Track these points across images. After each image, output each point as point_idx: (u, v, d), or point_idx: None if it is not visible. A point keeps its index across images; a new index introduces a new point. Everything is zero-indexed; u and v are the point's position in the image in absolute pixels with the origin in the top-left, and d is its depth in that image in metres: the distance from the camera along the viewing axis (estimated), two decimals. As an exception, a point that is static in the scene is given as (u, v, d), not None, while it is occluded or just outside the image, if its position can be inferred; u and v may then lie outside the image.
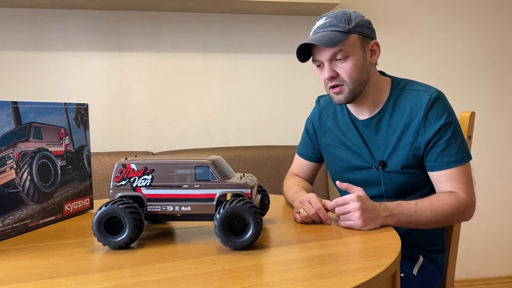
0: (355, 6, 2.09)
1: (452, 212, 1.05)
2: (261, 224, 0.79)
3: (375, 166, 1.16)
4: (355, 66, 1.10)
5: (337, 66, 1.10)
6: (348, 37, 1.08)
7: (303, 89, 2.10)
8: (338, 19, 1.10)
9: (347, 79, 1.10)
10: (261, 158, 1.91)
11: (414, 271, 1.14)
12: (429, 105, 1.09)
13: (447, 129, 1.09)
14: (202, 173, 0.83)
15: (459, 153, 1.09)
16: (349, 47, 1.09)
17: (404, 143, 1.12)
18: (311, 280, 0.64)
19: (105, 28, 1.94)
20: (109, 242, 0.80)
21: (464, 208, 1.07)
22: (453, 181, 1.08)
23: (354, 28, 1.10)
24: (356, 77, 1.11)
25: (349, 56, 1.09)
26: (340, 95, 1.12)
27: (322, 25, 1.11)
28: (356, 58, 1.10)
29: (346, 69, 1.10)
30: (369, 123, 1.18)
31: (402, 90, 1.16)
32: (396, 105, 1.15)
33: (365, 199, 0.95)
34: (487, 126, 2.26)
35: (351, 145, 1.21)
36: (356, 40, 1.11)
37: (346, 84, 1.11)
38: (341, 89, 1.12)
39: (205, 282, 0.64)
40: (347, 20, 1.10)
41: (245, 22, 2.04)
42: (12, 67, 1.87)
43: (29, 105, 0.97)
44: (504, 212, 2.31)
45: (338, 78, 1.11)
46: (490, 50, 2.26)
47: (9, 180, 0.91)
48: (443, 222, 1.08)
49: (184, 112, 2.03)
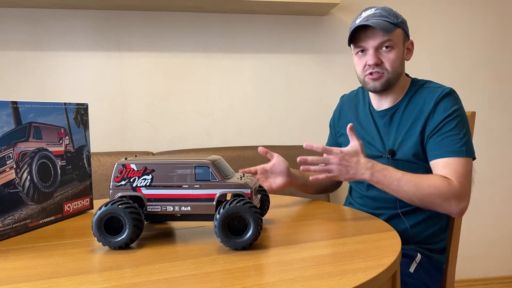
0: (355, 6, 2.09)
1: (437, 195, 1.06)
2: (261, 224, 0.79)
3: (385, 155, 1.21)
4: (397, 57, 1.18)
5: (381, 55, 1.17)
6: (396, 30, 1.16)
7: (303, 89, 2.10)
8: (387, 12, 1.17)
9: (390, 68, 1.17)
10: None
11: (410, 269, 1.14)
12: (440, 98, 1.15)
13: (452, 121, 1.13)
14: (202, 173, 0.83)
15: (458, 145, 1.11)
16: (396, 39, 1.17)
17: (413, 132, 1.18)
18: (311, 280, 0.64)
19: (105, 28, 1.94)
20: (109, 242, 0.80)
21: (450, 195, 1.06)
22: (448, 169, 1.09)
23: (400, 23, 1.18)
24: (396, 68, 1.18)
25: (394, 47, 1.17)
26: (378, 81, 1.19)
27: (373, 14, 1.17)
28: (399, 51, 1.18)
29: (390, 59, 1.17)
30: (384, 114, 1.25)
31: (420, 88, 1.23)
32: (411, 99, 1.22)
33: (348, 156, 1.03)
34: (487, 126, 2.26)
35: (366, 135, 1.27)
36: (401, 35, 1.19)
37: (387, 73, 1.18)
38: (381, 76, 1.18)
39: (205, 282, 0.64)
40: (395, 14, 1.18)
41: (245, 22, 2.04)
42: (12, 67, 1.87)
43: (29, 105, 0.97)
44: (504, 212, 2.31)
45: (381, 66, 1.18)
46: (490, 50, 2.26)
47: (9, 180, 0.91)
48: (425, 201, 1.08)
49: (184, 112, 2.03)
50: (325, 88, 2.11)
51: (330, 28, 2.10)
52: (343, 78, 2.10)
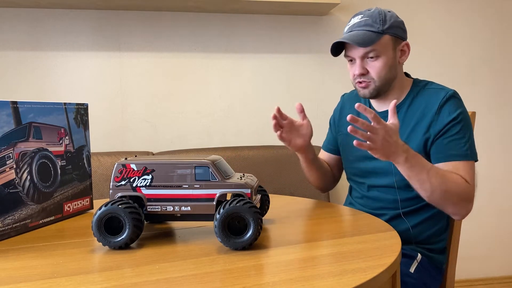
0: (355, 6, 2.09)
1: (457, 191, 1.07)
2: (261, 224, 0.79)
3: None
4: (385, 65, 1.16)
5: (368, 64, 1.17)
6: (381, 38, 1.14)
7: (303, 89, 2.10)
8: (373, 19, 1.15)
9: (376, 77, 1.16)
10: (261, 158, 1.91)
11: (411, 269, 1.14)
12: (443, 101, 1.15)
13: (457, 124, 1.13)
14: (202, 173, 0.83)
15: (464, 149, 1.12)
16: (381, 47, 1.15)
17: (416, 135, 1.17)
18: (311, 280, 0.64)
19: (105, 28, 1.94)
20: (109, 242, 0.80)
21: (465, 196, 1.09)
22: (459, 172, 1.10)
23: (388, 29, 1.15)
24: (384, 76, 1.17)
25: (380, 56, 1.15)
26: (366, 89, 1.19)
27: (357, 24, 1.16)
28: (386, 58, 1.16)
29: (376, 68, 1.16)
30: (386, 115, 1.22)
31: (422, 89, 1.22)
32: (413, 100, 1.21)
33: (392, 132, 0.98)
34: (487, 126, 2.26)
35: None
36: (389, 41, 1.16)
37: (373, 82, 1.17)
38: (367, 85, 1.18)
39: (205, 282, 0.64)
40: (382, 20, 1.15)
41: (245, 22, 2.04)
42: (12, 67, 1.87)
43: (29, 105, 0.97)
44: (504, 212, 2.30)
45: (367, 76, 1.17)
46: (490, 50, 2.25)
47: (9, 180, 0.91)
48: (445, 195, 1.07)
49: (184, 112, 2.03)
50: (325, 88, 2.11)
51: (330, 28, 2.10)
52: (343, 78, 2.10)
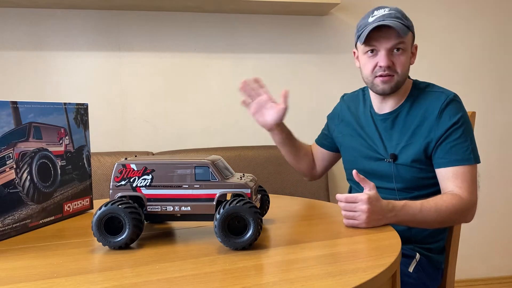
0: (355, 6, 2.09)
1: (455, 212, 1.06)
2: (261, 224, 0.79)
3: (387, 159, 1.20)
4: (407, 60, 1.17)
5: (393, 57, 1.15)
6: (408, 33, 1.14)
7: (303, 89, 2.10)
8: (401, 14, 1.15)
9: (400, 71, 1.15)
10: (261, 158, 1.91)
11: (410, 269, 1.14)
12: (444, 104, 1.14)
13: (459, 129, 1.12)
14: (202, 173, 0.83)
15: (467, 153, 1.11)
16: (408, 42, 1.15)
17: (417, 138, 1.16)
18: (311, 280, 0.64)
19: (105, 28, 1.94)
20: (109, 242, 0.80)
21: (466, 209, 1.09)
22: (459, 180, 1.10)
23: (411, 26, 1.16)
24: (405, 72, 1.17)
25: (405, 50, 1.15)
26: (387, 84, 1.16)
27: (388, 14, 1.14)
28: (408, 54, 1.17)
29: (401, 62, 1.15)
30: (386, 118, 1.23)
31: (422, 91, 1.21)
32: (414, 103, 1.20)
33: (375, 200, 0.94)
34: (487, 126, 2.26)
35: (367, 137, 1.26)
36: (411, 38, 1.18)
37: (397, 76, 1.15)
38: (391, 79, 1.16)
39: (205, 282, 0.64)
40: (406, 17, 1.16)
41: (245, 22, 2.04)
42: (12, 67, 1.87)
43: (29, 105, 0.97)
44: (504, 212, 2.30)
45: (391, 68, 1.15)
46: (491, 50, 2.25)
47: (9, 180, 0.91)
48: (446, 222, 1.10)
49: (184, 112, 2.03)
50: (325, 88, 2.11)
51: (330, 28, 2.10)
52: (343, 78, 2.10)
